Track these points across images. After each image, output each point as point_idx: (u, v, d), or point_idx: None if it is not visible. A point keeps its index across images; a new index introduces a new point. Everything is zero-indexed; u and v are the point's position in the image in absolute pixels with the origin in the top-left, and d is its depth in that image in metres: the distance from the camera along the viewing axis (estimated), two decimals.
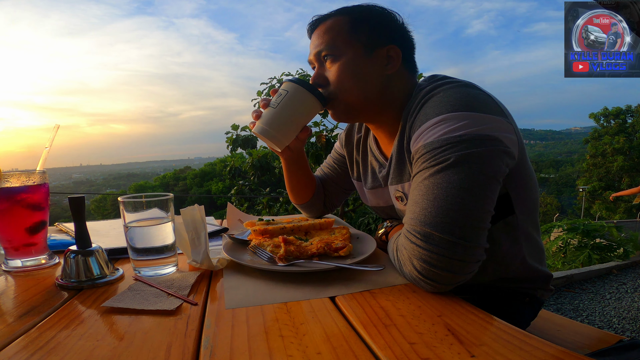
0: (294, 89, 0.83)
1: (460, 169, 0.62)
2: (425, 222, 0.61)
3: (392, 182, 0.86)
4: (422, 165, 0.67)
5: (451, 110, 0.67)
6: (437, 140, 0.66)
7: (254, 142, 5.72)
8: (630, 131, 25.69)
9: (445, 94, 0.72)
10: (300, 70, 5.83)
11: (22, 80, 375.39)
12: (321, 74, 0.84)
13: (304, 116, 0.85)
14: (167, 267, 0.71)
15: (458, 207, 0.60)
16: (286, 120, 0.84)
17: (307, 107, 0.83)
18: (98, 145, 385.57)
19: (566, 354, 0.41)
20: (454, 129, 0.65)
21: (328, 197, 1.17)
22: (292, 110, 0.83)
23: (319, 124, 5.69)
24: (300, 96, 0.82)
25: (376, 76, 0.81)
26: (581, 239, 4.32)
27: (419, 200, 0.64)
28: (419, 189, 0.65)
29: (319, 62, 0.85)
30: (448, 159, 0.63)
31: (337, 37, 0.81)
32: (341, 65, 0.80)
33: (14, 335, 0.48)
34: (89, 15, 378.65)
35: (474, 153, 0.63)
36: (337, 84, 0.81)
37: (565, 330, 1.04)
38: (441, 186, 0.62)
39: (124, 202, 0.68)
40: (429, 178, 0.64)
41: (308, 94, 0.82)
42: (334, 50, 0.81)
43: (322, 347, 0.44)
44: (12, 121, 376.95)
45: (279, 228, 0.87)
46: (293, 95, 0.83)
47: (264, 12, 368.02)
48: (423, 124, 0.70)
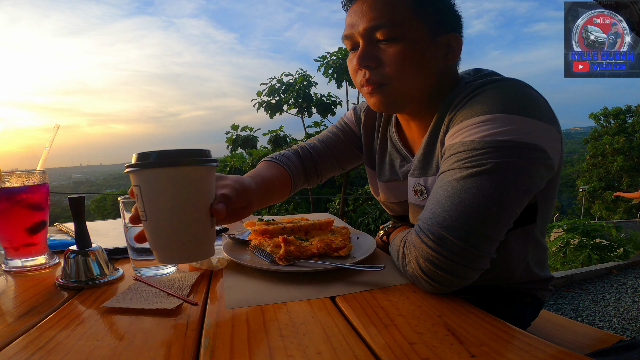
0: (149, 177, 0.53)
1: (494, 178, 0.58)
2: (442, 225, 0.58)
3: (413, 174, 0.79)
4: (455, 165, 0.62)
5: (501, 110, 0.61)
6: (477, 140, 0.61)
7: (254, 142, 5.73)
8: (630, 131, 25.69)
9: (500, 90, 0.65)
10: (300, 71, 5.84)
11: (22, 80, 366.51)
12: (373, 53, 0.70)
13: (192, 201, 0.54)
14: (167, 267, 0.71)
15: (481, 216, 0.57)
16: (175, 227, 0.54)
17: (187, 188, 0.54)
18: (98, 145, 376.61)
19: (566, 354, 0.41)
20: (499, 132, 0.60)
21: (316, 168, 0.99)
22: (171, 206, 0.53)
23: (319, 123, 5.69)
24: (165, 181, 0.53)
25: (436, 65, 0.72)
26: (581, 239, 4.32)
27: (442, 200, 0.60)
28: (445, 189, 0.61)
29: (367, 38, 0.70)
30: (485, 164, 0.59)
31: (400, 11, 0.68)
32: (404, 47, 0.68)
33: (14, 335, 0.48)
34: (89, 15, 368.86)
35: (513, 163, 0.59)
36: (395, 68, 0.69)
37: (565, 330, 1.04)
38: (470, 191, 0.58)
39: (124, 202, 0.68)
40: (459, 180, 0.60)
41: (173, 170, 0.53)
42: (396, 27, 0.67)
43: (322, 347, 0.44)
44: (12, 121, 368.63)
45: (279, 228, 0.87)
46: (153, 186, 0.53)
47: (264, 12, 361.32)
48: (466, 119, 0.64)
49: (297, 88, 5.56)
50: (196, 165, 0.54)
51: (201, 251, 0.57)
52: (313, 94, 5.70)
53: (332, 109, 5.74)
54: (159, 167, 0.52)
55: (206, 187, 0.56)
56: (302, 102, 5.59)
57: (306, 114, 5.79)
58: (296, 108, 5.74)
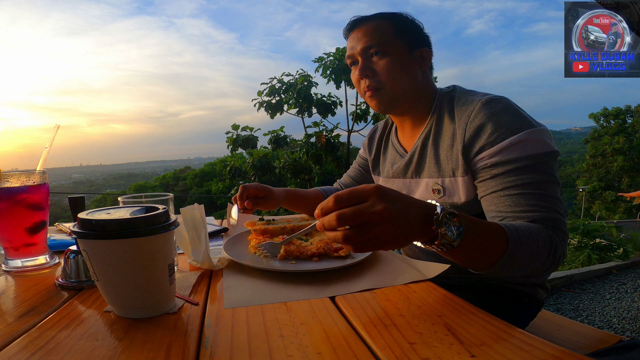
0: (95, 246, 0.49)
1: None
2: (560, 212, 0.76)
3: (430, 175, 0.92)
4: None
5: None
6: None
7: (254, 142, 5.72)
8: (630, 131, 25.69)
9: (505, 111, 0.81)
10: (301, 71, 5.83)
11: (22, 80, 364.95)
12: (369, 65, 0.93)
13: (145, 267, 0.50)
14: None
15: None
16: (126, 291, 0.51)
17: (138, 257, 0.49)
18: (98, 145, 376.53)
19: (566, 354, 0.41)
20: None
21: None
22: (120, 274, 0.50)
23: (318, 124, 5.69)
24: (111, 252, 0.48)
25: (415, 71, 0.94)
26: (581, 239, 4.32)
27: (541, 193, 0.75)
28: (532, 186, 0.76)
29: (364, 56, 0.94)
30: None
31: (385, 35, 0.92)
32: (390, 60, 0.91)
33: (14, 335, 0.48)
34: (89, 15, 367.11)
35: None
36: (386, 75, 0.92)
37: (565, 330, 1.04)
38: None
39: (124, 202, 0.68)
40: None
41: (121, 241, 0.48)
42: (383, 46, 0.91)
43: (322, 347, 0.44)
44: (12, 121, 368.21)
45: (279, 228, 0.87)
46: (100, 255, 0.49)
47: (264, 12, 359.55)
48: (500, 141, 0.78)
49: (297, 88, 5.55)
50: (147, 235, 0.49)
51: (158, 308, 0.53)
52: (313, 94, 5.70)
53: (333, 109, 5.73)
54: (105, 238, 0.47)
55: (160, 253, 0.51)
56: (303, 102, 5.58)
57: (306, 114, 5.78)
58: (296, 108, 5.74)
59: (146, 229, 0.49)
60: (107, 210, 0.54)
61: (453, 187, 0.87)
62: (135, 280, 0.50)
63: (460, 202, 0.86)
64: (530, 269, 0.69)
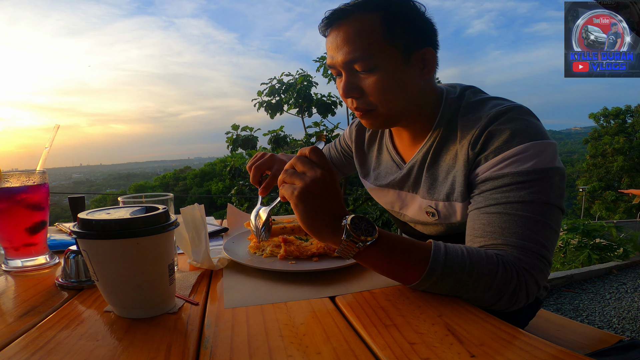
0: (95, 246, 0.49)
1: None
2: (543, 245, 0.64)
3: (424, 196, 0.81)
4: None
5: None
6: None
7: (254, 142, 5.72)
8: (630, 131, 25.68)
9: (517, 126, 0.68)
10: (301, 71, 5.83)
11: (22, 80, 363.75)
12: (354, 83, 0.73)
13: (145, 268, 0.51)
14: None
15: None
16: (126, 291, 0.51)
17: (137, 257, 0.50)
18: (98, 145, 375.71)
19: (566, 354, 0.41)
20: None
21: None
22: (120, 274, 0.50)
23: (319, 124, 5.69)
24: (111, 251, 0.49)
25: (415, 83, 0.74)
26: (581, 239, 4.32)
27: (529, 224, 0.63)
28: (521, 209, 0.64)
29: (347, 70, 0.73)
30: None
31: (372, 43, 0.69)
32: (381, 78, 0.71)
33: (14, 335, 0.48)
34: (89, 15, 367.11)
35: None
36: (377, 97, 0.73)
37: (565, 330, 1.04)
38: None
39: (124, 202, 0.68)
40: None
41: (121, 241, 0.48)
42: (370, 59, 0.70)
43: (322, 347, 0.44)
44: (12, 121, 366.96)
45: (279, 228, 0.87)
46: (100, 255, 0.49)
47: (265, 12, 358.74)
48: (503, 155, 0.67)
49: (297, 88, 5.55)
50: (147, 235, 0.49)
51: (158, 308, 0.54)
52: (313, 94, 5.70)
53: (333, 109, 5.73)
54: (105, 238, 0.48)
55: (160, 253, 0.51)
56: (303, 102, 5.58)
57: (306, 114, 5.78)
58: (296, 108, 5.74)
59: (146, 229, 0.49)
60: (107, 210, 0.55)
61: (448, 211, 0.77)
62: (135, 280, 0.50)
63: (458, 223, 0.78)
64: (468, 299, 0.58)
